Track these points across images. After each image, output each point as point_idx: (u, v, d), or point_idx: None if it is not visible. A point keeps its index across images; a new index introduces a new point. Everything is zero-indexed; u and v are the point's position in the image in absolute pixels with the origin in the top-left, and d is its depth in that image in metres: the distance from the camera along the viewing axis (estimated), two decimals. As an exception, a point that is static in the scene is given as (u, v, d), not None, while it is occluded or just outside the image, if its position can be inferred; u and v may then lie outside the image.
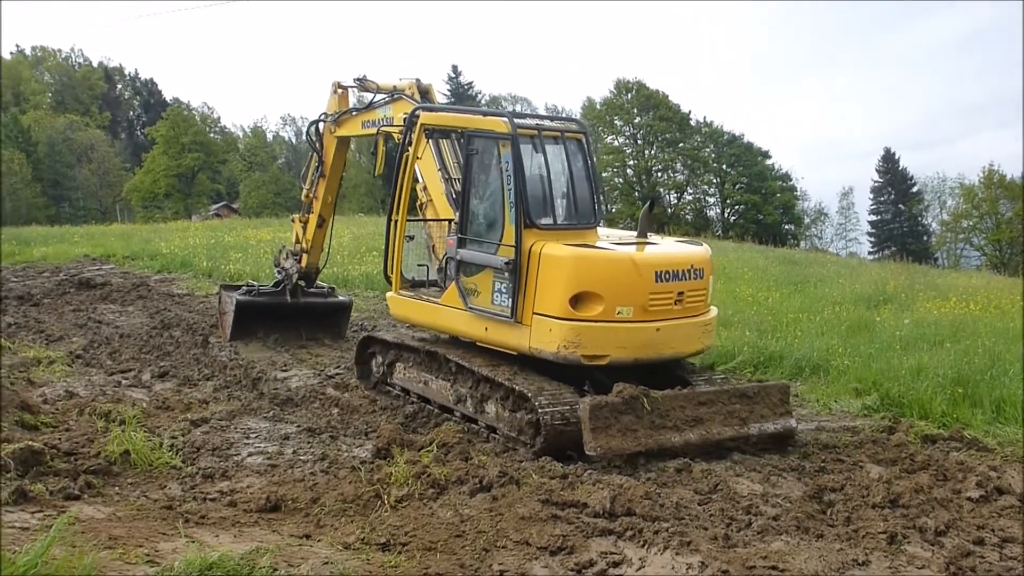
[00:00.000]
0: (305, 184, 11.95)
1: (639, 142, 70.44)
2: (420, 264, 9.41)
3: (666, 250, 8.09)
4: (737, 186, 69.26)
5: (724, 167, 70.28)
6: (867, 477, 6.73)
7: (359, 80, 10.69)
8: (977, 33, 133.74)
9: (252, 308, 12.24)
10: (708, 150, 70.74)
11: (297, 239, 12.26)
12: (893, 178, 71.83)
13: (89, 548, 4.70)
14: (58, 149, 70.40)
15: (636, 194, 67.47)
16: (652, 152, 70.37)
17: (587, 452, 6.84)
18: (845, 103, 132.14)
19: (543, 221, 7.79)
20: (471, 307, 8.04)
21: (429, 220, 9.49)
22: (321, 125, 11.50)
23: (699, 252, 8.13)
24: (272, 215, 47.60)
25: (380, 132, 10.22)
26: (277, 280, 12.40)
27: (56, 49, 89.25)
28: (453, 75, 75.07)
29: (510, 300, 7.59)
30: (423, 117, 8.87)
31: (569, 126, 8.50)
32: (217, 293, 13.41)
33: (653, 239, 8.39)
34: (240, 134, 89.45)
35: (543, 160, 7.88)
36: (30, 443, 6.36)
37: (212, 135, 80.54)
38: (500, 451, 7.44)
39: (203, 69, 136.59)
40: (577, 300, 7.32)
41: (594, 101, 71.17)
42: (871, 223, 72.85)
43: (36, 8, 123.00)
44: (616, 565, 5.12)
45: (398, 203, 8.90)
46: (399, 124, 9.46)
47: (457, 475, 6.53)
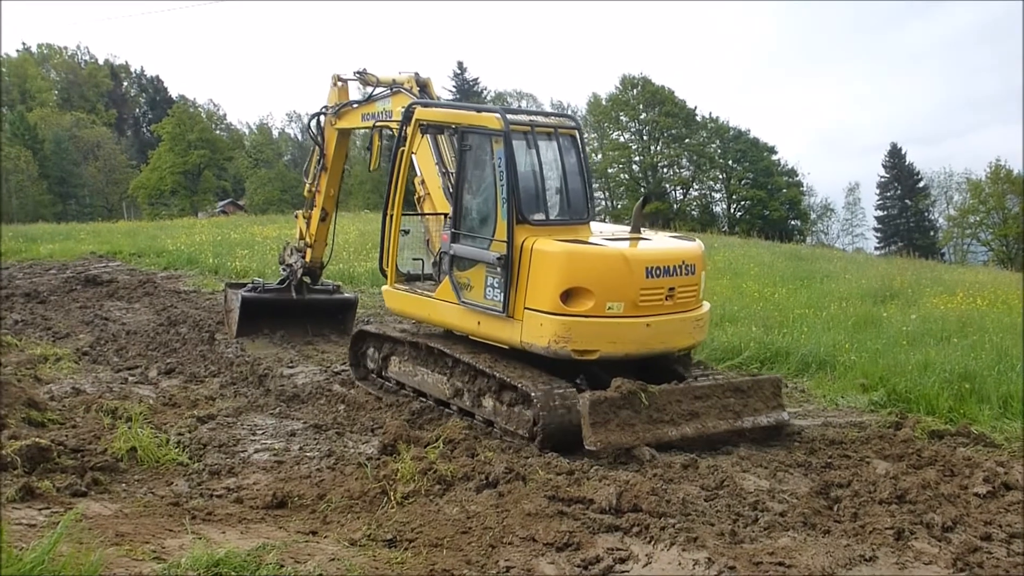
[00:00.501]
0: (308, 178, 11.99)
1: (645, 138, 70.35)
2: (415, 258, 9.47)
3: (657, 246, 8.07)
4: (743, 182, 69.11)
5: (730, 163, 70.18)
6: (874, 473, 6.73)
7: (359, 73, 10.70)
8: (985, 28, 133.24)
9: (257, 304, 12.26)
10: (714, 145, 70.67)
11: (301, 235, 12.29)
12: (900, 173, 71.62)
13: (96, 544, 4.71)
14: (64, 146, 70.49)
15: (642, 190, 67.25)
16: (658, 148, 70.29)
17: (587, 447, 6.89)
18: (851, 98, 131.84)
19: (535, 217, 7.79)
20: (464, 301, 8.08)
21: (424, 214, 9.54)
22: (322, 118, 11.52)
23: (691, 248, 8.14)
24: (278, 212, 47.73)
25: (375, 127, 10.25)
26: (283, 277, 12.44)
27: (62, 47, 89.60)
28: (459, 71, 75.22)
29: (502, 295, 7.63)
30: (418, 112, 8.88)
31: (562, 122, 8.48)
32: (223, 291, 13.44)
33: (646, 234, 8.38)
34: (246, 131, 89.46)
35: (536, 156, 7.88)
36: (37, 440, 6.39)
37: (218, 132, 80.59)
38: (505, 447, 7.46)
39: (209, 66, 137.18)
40: (568, 295, 7.34)
41: (600, 97, 71.23)
42: (877, 218, 72.81)
43: (41, 6, 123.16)
44: (623, 561, 5.12)
45: (393, 197, 8.93)
46: (398, 118, 9.48)
47: (463, 471, 6.54)
